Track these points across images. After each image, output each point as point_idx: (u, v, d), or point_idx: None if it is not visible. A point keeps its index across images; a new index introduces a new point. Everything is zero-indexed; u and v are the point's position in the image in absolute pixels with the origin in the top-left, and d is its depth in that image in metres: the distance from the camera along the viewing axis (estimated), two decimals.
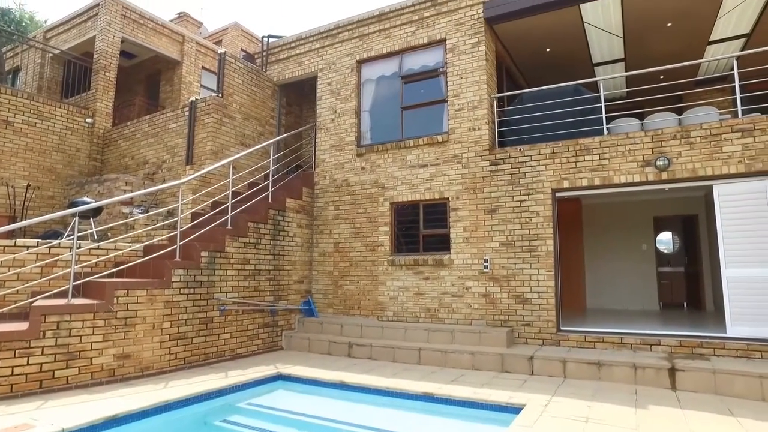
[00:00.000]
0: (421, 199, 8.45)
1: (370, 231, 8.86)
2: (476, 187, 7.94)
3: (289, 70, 10.60)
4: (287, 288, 8.72)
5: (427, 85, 8.82)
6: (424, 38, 8.79)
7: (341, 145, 9.48)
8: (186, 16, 19.10)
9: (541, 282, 7.28)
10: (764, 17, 8.53)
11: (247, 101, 10.16)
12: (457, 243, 7.98)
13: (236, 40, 17.77)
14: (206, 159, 9.15)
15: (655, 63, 9.23)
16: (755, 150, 6.32)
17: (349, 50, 9.66)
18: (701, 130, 6.65)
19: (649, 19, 8.55)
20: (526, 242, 7.44)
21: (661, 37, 9.24)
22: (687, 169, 6.65)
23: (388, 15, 9.18)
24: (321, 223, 9.43)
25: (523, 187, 7.57)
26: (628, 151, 7.01)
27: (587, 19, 8.56)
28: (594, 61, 10.30)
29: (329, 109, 9.76)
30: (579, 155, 7.28)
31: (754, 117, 6.52)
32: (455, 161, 8.18)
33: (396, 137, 8.89)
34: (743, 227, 6.42)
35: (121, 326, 5.81)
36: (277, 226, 8.57)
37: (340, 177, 9.37)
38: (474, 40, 8.30)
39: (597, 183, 7.15)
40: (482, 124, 8.04)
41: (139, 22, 12.27)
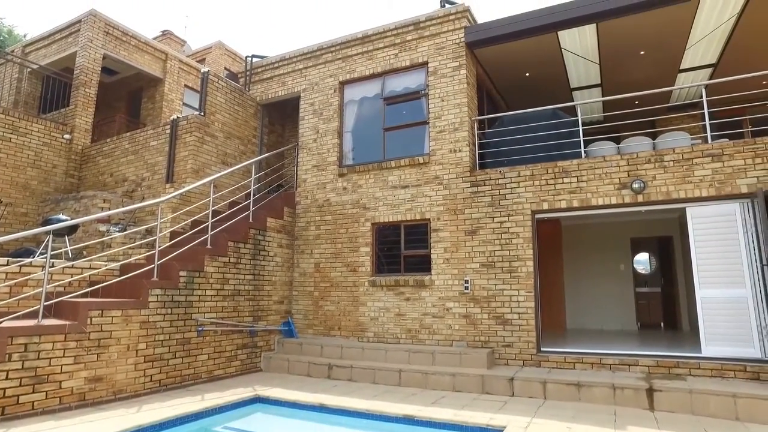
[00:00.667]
0: (403, 219, 8.49)
1: (351, 251, 8.84)
2: (457, 209, 8.01)
3: (273, 89, 10.65)
4: (267, 308, 8.61)
5: (409, 106, 8.95)
6: (406, 61, 8.94)
7: (323, 165, 9.50)
8: (169, 34, 19.14)
9: (521, 303, 7.32)
10: (728, 49, 8.91)
11: (230, 120, 10.15)
12: (437, 264, 8.01)
13: (220, 58, 17.82)
14: (187, 177, 9.08)
15: (630, 89, 9.52)
16: (724, 174, 6.53)
17: (333, 71, 9.76)
18: (674, 154, 6.85)
19: (623, 47, 8.84)
20: (506, 263, 7.51)
21: (635, 65, 9.55)
22: (661, 192, 6.82)
23: (371, 38, 9.33)
24: (302, 243, 9.38)
25: (504, 209, 7.67)
26: (605, 173, 7.17)
27: (565, 45, 8.82)
28: (572, 86, 10.58)
29: (312, 129, 9.80)
30: (558, 177, 7.42)
31: (722, 143, 6.76)
32: (436, 182, 8.26)
33: (378, 158, 8.96)
34: (715, 249, 6.59)
35: (94, 348, 5.65)
36: (257, 245, 8.50)
37: (322, 197, 9.37)
38: (455, 63, 8.47)
39: (575, 205, 7.28)
40: (463, 146, 8.16)
41: (122, 39, 12.24)
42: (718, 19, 7.98)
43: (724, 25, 8.17)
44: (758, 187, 6.28)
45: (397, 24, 9.05)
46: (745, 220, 6.45)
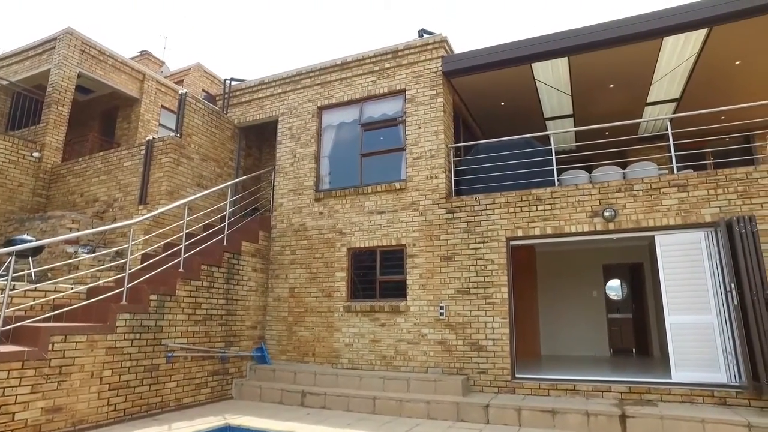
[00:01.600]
0: (379, 245, 8.49)
1: (326, 276, 8.78)
2: (433, 235, 8.06)
3: (251, 113, 10.65)
4: (240, 334, 8.42)
5: (386, 133, 9.05)
6: (384, 88, 9.08)
7: (300, 189, 9.48)
8: (148, 55, 19.05)
9: (496, 329, 7.34)
10: (690, 85, 9.35)
11: (206, 142, 10.08)
12: (413, 290, 8.00)
13: (198, 80, 17.80)
14: (161, 199, 8.93)
15: (600, 120, 9.86)
16: (689, 204, 6.75)
17: (311, 96, 9.84)
18: (643, 184, 7.07)
19: (594, 80, 9.18)
20: (481, 289, 7.55)
21: (605, 97, 9.91)
22: (631, 220, 7.00)
23: (350, 64, 9.47)
24: (277, 268, 9.27)
25: (479, 235, 7.75)
26: (577, 202, 7.34)
27: (538, 77, 9.10)
28: (545, 116, 10.88)
29: (289, 153, 9.80)
30: (532, 205, 7.56)
31: (687, 173, 7.02)
32: (413, 208, 8.32)
33: (355, 183, 8.99)
34: (683, 275, 6.77)
35: (55, 375, 5.40)
36: (231, 269, 8.36)
37: (298, 221, 9.32)
38: (432, 92, 8.64)
39: (549, 232, 7.40)
40: (439, 173, 8.26)
41: (99, 59, 12.13)
42: (679, 57, 8.38)
43: (685, 63, 8.58)
44: (720, 216, 6.52)
45: (376, 52, 9.22)
46: (710, 248, 6.66)
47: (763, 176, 6.49)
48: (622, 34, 7.73)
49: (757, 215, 6.29)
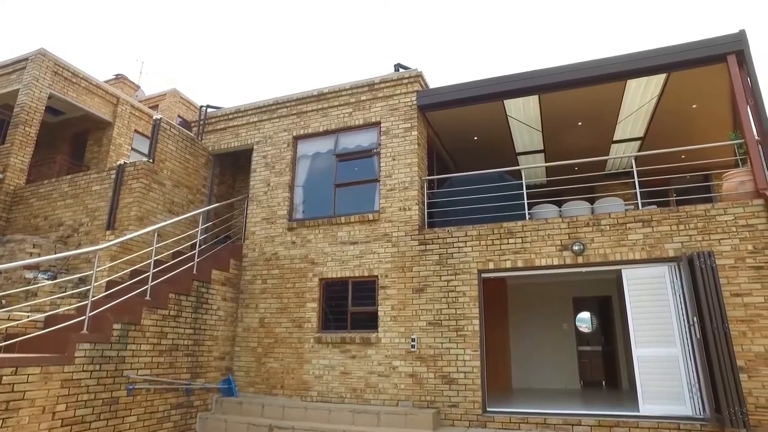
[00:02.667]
0: (351, 276, 8.45)
1: (297, 307, 8.66)
2: (405, 266, 8.08)
3: (226, 140, 10.62)
4: (207, 365, 8.18)
5: (361, 164, 9.14)
6: (360, 120, 9.21)
7: (273, 218, 9.42)
8: (123, 78, 18.91)
9: (467, 362, 7.32)
10: (653, 125, 9.79)
11: (179, 168, 9.97)
12: (385, 321, 7.95)
13: (174, 106, 17.73)
14: (130, 225, 8.73)
15: (570, 156, 10.18)
16: (654, 239, 6.97)
17: (287, 126, 9.89)
18: (610, 219, 7.27)
19: (563, 117, 9.51)
20: (452, 321, 7.55)
21: (574, 134, 10.26)
22: (599, 254, 7.17)
23: (326, 96, 9.59)
24: (247, 297, 9.11)
25: (451, 267, 7.80)
26: (547, 235, 7.49)
27: (510, 113, 9.38)
28: (517, 151, 11.18)
29: (263, 181, 9.77)
30: (503, 238, 7.67)
31: (651, 209, 7.27)
32: (385, 240, 8.35)
33: (328, 213, 8.99)
34: (649, 309, 6.92)
35: (0, 412, 5.07)
36: (200, 298, 8.17)
37: (270, 250, 9.22)
38: (407, 125, 8.80)
39: (520, 265, 7.51)
40: (412, 205, 8.35)
41: (72, 81, 11.97)
42: (642, 98, 8.80)
43: (648, 104, 9.00)
44: (683, 251, 6.74)
45: (352, 84, 9.38)
46: (674, 282, 6.86)
47: (720, 214, 6.76)
48: (589, 75, 8.08)
49: (715, 251, 6.53)
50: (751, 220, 6.60)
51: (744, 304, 6.32)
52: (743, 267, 6.46)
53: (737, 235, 6.60)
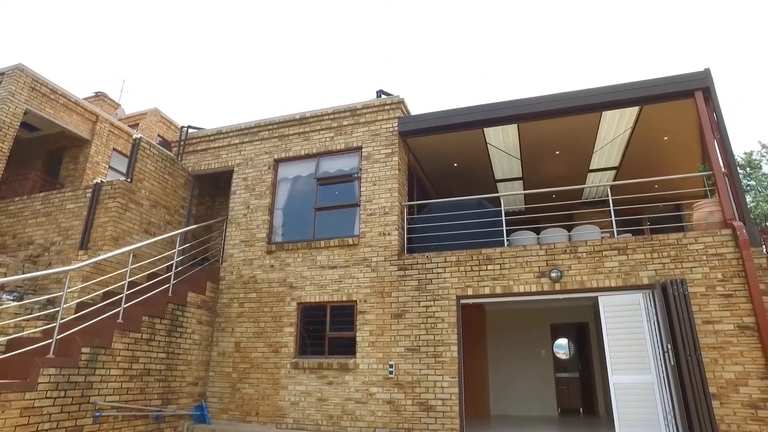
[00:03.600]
0: (329, 300, 8.38)
1: (274, 331, 8.52)
2: (384, 291, 8.06)
3: (206, 161, 10.56)
4: (179, 390, 7.94)
5: (341, 188, 9.16)
6: (341, 144, 9.27)
7: (252, 240, 9.33)
8: (103, 96, 18.71)
9: (445, 389, 7.27)
10: (627, 155, 10.07)
11: (158, 188, 9.85)
12: (363, 347, 7.87)
13: (154, 125, 17.59)
14: (104, 245, 8.54)
15: (548, 183, 10.38)
16: (629, 266, 7.10)
17: (268, 149, 9.89)
18: (587, 246, 7.40)
19: (542, 146, 9.72)
20: (431, 348, 7.51)
21: (552, 162, 10.47)
22: (576, 281, 7.26)
23: (308, 120, 9.65)
24: (223, 321, 8.94)
25: (430, 293, 7.81)
26: (525, 262, 7.56)
27: (490, 141, 9.55)
28: (496, 178, 11.35)
29: (242, 204, 9.71)
30: (482, 264, 7.73)
31: (626, 238, 7.42)
32: (365, 264, 8.33)
33: (308, 237, 8.96)
34: (624, 335, 7.01)
35: None
36: (175, 321, 7.99)
37: (248, 273, 9.11)
38: (388, 150, 8.89)
39: (498, 291, 7.55)
40: (392, 230, 8.37)
41: (50, 97, 11.80)
42: (617, 129, 9.07)
43: (622, 135, 9.28)
44: (656, 279, 6.87)
45: (334, 109, 9.46)
46: (648, 309, 6.97)
47: (692, 243, 6.94)
48: (566, 106, 8.30)
49: (687, 279, 6.68)
50: (720, 249, 6.79)
51: (715, 332, 6.46)
52: (714, 295, 6.61)
53: (707, 264, 6.77)
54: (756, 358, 6.23)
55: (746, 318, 6.40)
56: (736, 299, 6.51)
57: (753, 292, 6.37)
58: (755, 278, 6.42)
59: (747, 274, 6.47)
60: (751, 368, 6.22)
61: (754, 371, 6.20)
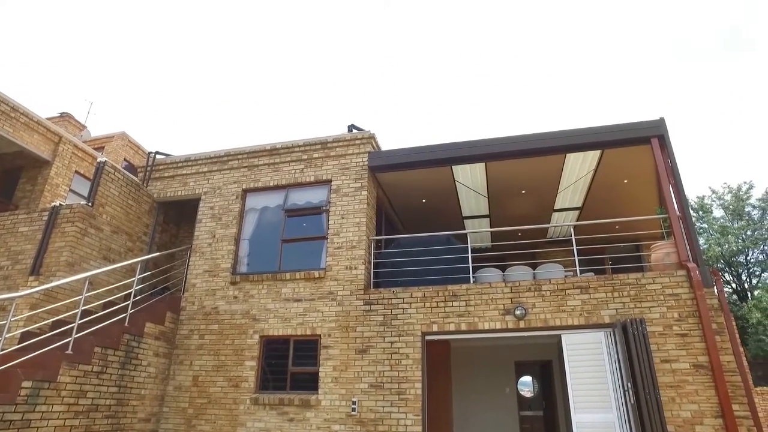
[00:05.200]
0: (293, 334, 8.20)
1: (235, 365, 8.25)
2: (349, 326, 7.95)
3: (173, 188, 10.37)
4: (129, 428, 7.52)
5: (309, 220, 9.12)
6: (311, 177, 9.28)
7: (216, 271, 9.12)
8: (69, 117, 18.29)
9: (408, 427, 7.13)
10: (590, 196, 10.42)
11: (120, 214, 9.58)
12: (325, 383, 7.68)
13: (121, 149, 17.24)
14: (58, 271, 8.18)
15: (514, 221, 10.59)
16: (591, 305, 7.24)
17: (237, 178, 9.81)
18: (550, 284, 7.52)
19: (508, 185, 9.97)
20: (395, 384, 7.40)
21: (518, 201, 10.73)
22: (540, 319, 7.34)
23: (279, 151, 9.65)
24: (182, 353, 8.61)
25: (395, 329, 7.74)
26: (491, 299, 7.62)
27: (458, 178, 9.74)
28: (464, 215, 11.52)
29: (208, 233, 9.53)
30: (448, 301, 7.74)
31: (588, 277, 7.59)
32: (330, 298, 8.23)
33: (273, 268, 8.82)
34: (587, 374, 7.07)
35: None
36: (129, 353, 7.64)
37: (210, 304, 8.86)
38: (358, 184, 8.94)
39: (463, 328, 7.55)
40: (359, 264, 8.34)
41: (9, 115, 11.42)
42: (580, 171, 9.40)
43: (585, 177, 9.62)
44: (617, 318, 7.02)
45: (305, 141, 9.51)
46: (610, 348, 7.07)
47: (650, 283, 7.16)
48: (532, 147, 8.58)
49: (646, 318, 6.85)
50: (676, 289, 7.02)
51: (672, 370, 6.60)
52: (671, 334, 6.79)
53: (665, 303, 6.98)
54: (710, 397, 6.38)
55: (701, 357, 6.58)
56: (691, 338, 6.71)
57: (706, 331, 6.58)
58: (708, 318, 6.64)
59: (701, 314, 6.69)
60: (706, 407, 6.36)
61: (709, 410, 6.34)
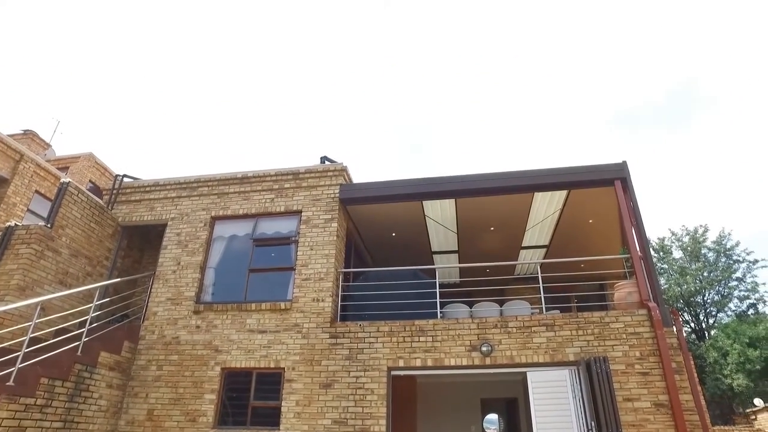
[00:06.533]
0: (256, 366, 7.96)
1: (193, 398, 7.91)
2: (314, 359, 7.78)
3: (138, 213, 10.12)
4: None
5: (277, 250, 9.01)
6: (281, 206, 9.22)
7: (179, 299, 8.85)
8: (33, 135, 17.77)
9: None
10: (556, 235, 10.69)
11: (81, 237, 9.25)
12: (287, 418, 7.43)
13: (87, 170, 16.85)
14: (7, 295, 7.76)
15: (483, 258, 10.70)
16: (556, 343, 7.30)
17: (206, 205, 9.66)
18: (516, 321, 7.57)
19: (477, 221, 10.12)
20: (359, 421, 7.22)
21: (487, 238, 10.88)
22: (506, 355, 7.35)
23: (250, 179, 9.59)
24: (137, 385, 8.22)
25: (360, 363, 7.61)
26: (457, 335, 7.60)
27: (428, 213, 9.84)
28: (433, 250, 11.59)
29: (173, 260, 9.28)
30: (414, 336, 7.69)
31: (554, 314, 7.68)
32: (295, 330, 8.07)
33: (239, 298, 8.62)
34: (552, 412, 7.06)
35: None
36: (80, 384, 7.24)
37: (171, 333, 8.55)
38: (328, 216, 8.92)
39: (430, 364, 7.48)
40: (326, 296, 8.24)
41: None
42: (547, 210, 9.65)
43: (552, 216, 9.88)
44: (581, 356, 7.09)
45: (277, 171, 9.49)
46: (574, 386, 7.10)
47: (613, 321, 7.30)
48: (501, 185, 8.78)
49: (609, 356, 6.94)
50: (638, 328, 7.17)
51: (634, 409, 6.67)
52: (633, 372, 6.89)
53: (627, 342, 7.11)
54: None
55: (661, 396, 6.69)
56: (652, 377, 6.82)
57: (666, 370, 6.71)
58: (668, 357, 6.78)
59: (661, 353, 6.83)
60: None
61: None
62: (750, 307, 27.16)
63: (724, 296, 27.70)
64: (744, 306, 27.31)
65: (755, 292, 26.90)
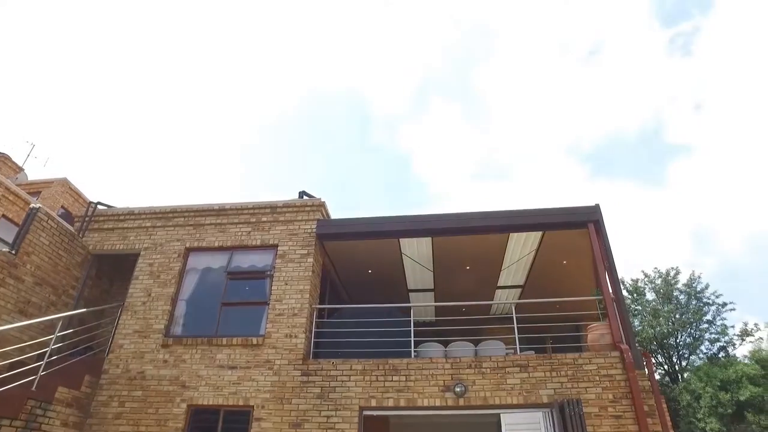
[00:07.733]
0: (224, 404, 7.68)
1: None
2: (284, 397, 7.55)
3: (111, 241, 9.89)
4: None
5: (252, 284, 8.88)
6: (257, 240, 9.14)
7: (147, 332, 8.57)
8: (5, 158, 17.43)
9: None
10: (531, 275, 10.81)
11: (48, 265, 8.95)
12: None
13: (60, 195, 16.53)
14: None
15: (459, 296, 10.71)
16: (530, 384, 7.26)
17: (181, 236, 9.51)
18: (491, 362, 7.53)
19: (454, 260, 10.18)
20: None
21: (463, 276, 10.92)
22: (480, 396, 7.26)
23: (227, 211, 9.51)
24: (96, 423, 7.81)
25: (332, 402, 7.42)
26: (431, 375, 7.51)
27: (405, 251, 9.87)
28: (409, 288, 11.57)
29: (144, 291, 9.03)
30: (388, 375, 7.56)
31: (528, 355, 7.66)
32: (267, 366, 7.86)
33: (210, 333, 8.39)
34: None
35: None
36: (31, 422, 6.81)
37: (137, 368, 8.23)
38: (304, 251, 8.86)
39: (402, 404, 7.34)
40: (300, 332, 8.09)
41: None
42: (522, 250, 9.78)
43: (527, 256, 10.01)
44: (554, 398, 7.05)
45: (255, 204, 9.44)
46: (548, 428, 7.03)
47: (587, 363, 7.31)
48: (477, 225, 8.88)
49: (583, 398, 6.92)
50: (611, 370, 7.19)
51: None
52: (606, 415, 6.87)
53: (600, 384, 7.11)
54: None
55: None
56: (625, 420, 6.80)
57: (639, 413, 6.71)
58: (640, 400, 6.79)
59: (633, 395, 6.84)
60: None
61: None
62: (720, 350, 27.55)
63: (696, 338, 28.05)
64: (715, 348, 27.70)
65: (725, 334, 27.33)
